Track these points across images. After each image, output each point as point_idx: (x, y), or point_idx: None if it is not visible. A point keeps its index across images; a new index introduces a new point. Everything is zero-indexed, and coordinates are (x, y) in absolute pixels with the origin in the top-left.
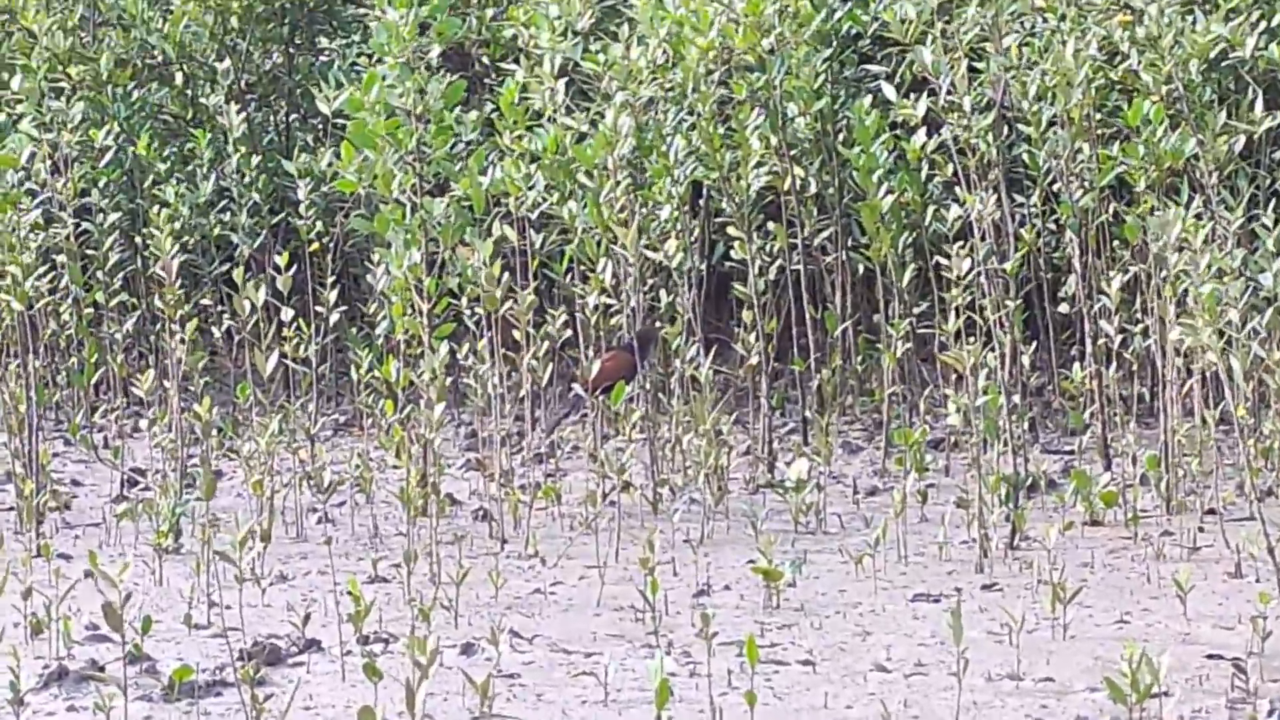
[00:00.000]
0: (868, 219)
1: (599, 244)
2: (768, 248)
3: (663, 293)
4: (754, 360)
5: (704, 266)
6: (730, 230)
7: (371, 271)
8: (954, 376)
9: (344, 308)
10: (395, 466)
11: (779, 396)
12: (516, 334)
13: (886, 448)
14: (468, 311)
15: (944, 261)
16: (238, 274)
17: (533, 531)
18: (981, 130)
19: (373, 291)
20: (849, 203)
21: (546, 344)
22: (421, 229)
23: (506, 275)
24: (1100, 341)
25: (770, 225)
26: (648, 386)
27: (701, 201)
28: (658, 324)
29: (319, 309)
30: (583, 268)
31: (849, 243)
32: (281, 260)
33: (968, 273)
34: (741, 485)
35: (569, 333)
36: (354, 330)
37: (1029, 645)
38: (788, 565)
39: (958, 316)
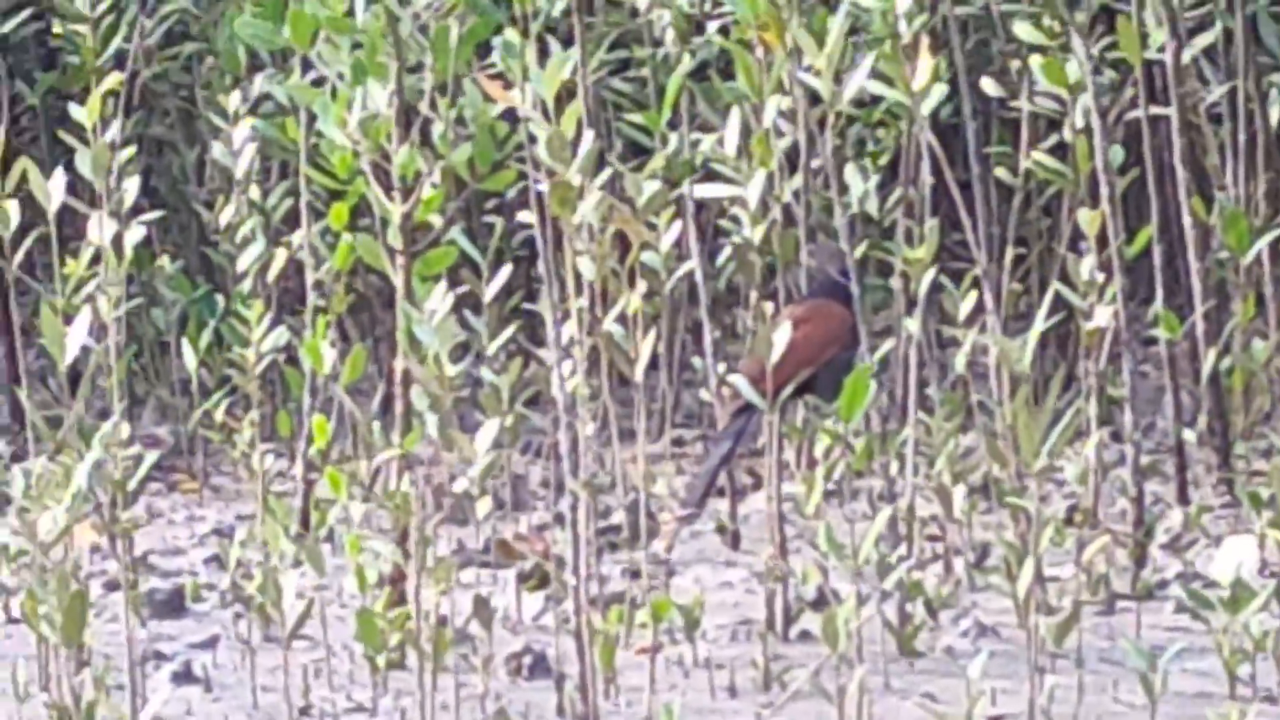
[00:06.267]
0: None
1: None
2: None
3: (851, 173)
4: (1100, 320)
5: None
6: (1019, 30)
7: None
8: None
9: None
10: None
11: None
12: (585, 264)
13: None
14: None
15: None
16: None
17: (660, 703)
18: None
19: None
20: None
21: (642, 286)
22: (388, 38)
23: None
24: None
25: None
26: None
27: None
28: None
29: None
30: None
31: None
32: None
33: None
34: (1085, 595)
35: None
36: (169, 262)
37: None
38: None
39: None
